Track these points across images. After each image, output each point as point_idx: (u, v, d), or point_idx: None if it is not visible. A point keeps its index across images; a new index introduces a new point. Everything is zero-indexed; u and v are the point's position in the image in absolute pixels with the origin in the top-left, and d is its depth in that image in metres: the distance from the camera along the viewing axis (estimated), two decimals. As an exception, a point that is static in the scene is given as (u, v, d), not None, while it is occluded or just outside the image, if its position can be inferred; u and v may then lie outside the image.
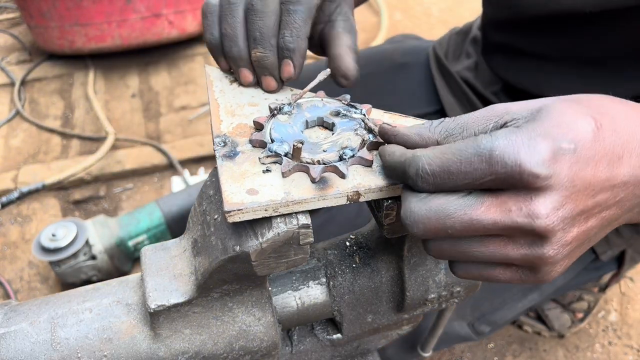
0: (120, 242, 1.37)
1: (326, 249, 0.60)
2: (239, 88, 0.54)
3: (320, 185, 0.43)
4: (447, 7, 2.59)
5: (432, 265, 0.57)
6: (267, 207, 0.41)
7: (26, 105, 2.05)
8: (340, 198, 0.43)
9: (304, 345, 0.62)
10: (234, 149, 0.46)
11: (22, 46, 2.33)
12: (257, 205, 0.41)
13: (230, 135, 0.48)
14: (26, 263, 1.50)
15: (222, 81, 0.55)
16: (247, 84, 0.54)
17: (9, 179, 1.70)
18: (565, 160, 0.35)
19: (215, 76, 0.56)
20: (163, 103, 2.07)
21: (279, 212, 0.42)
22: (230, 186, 0.42)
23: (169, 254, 0.52)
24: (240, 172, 0.44)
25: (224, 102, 0.52)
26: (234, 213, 0.40)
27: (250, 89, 0.54)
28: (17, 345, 0.47)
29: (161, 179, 1.76)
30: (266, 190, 0.42)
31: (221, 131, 0.48)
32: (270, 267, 0.44)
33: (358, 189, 0.43)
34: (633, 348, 1.30)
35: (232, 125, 0.49)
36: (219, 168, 0.44)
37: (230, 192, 0.42)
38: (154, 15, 2.03)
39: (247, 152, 0.46)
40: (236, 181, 0.43)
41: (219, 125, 0.49)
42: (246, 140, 0.48)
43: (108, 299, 0.51)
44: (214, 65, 0.58)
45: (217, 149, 0.46)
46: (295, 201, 0.42)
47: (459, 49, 1.12)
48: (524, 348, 1.30)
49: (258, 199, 0.41)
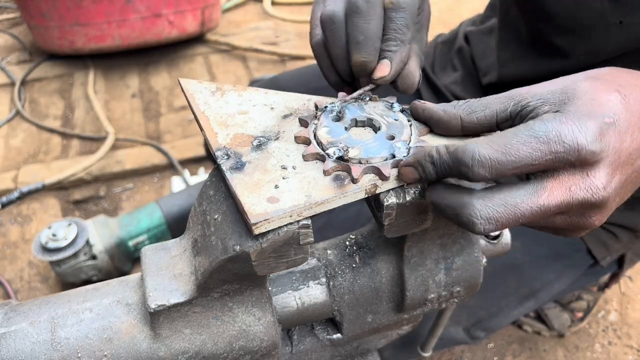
0: (120, 242, 1.37)
1: (326, 249, 0.60)
2: (223, 98, 0.53)
3: (337, 182, 0.43)
4: (447, 7, 2.59)
5: (432, 265, 0.57)
6: (292, 213, 0.41)
7: (26, 105, 2.05)
8: (359, 193, 0.43)
9: (304, 345, 0.62)
10: (239, 159, 0.46)
11: (22, 46, 2.34)
12: (282, 212, 0.40)
13: (230, 146, 0.47)
14: (26, 263, 1.50)
15: (202, 93, 0.53)
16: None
17: (9, 179, 1.70)
18: (610, 134, 0.38)
19: (194, 89, 0.53)
20: (163, 103, 2.07)
21: (303, 216, 0.41)
22: (248, 198, 0.42)
23: (169, 254, 0.52)
24: (254, 182, 0.43)
25: (212, 114, 0.51)
26: (261, 224, 0.40)
27: (234, 97, 0.53)
28: (18, 345, 0.47)
29: (161, 179, 1.76)
30: (286, 196, 0.42)
31: (220, 144, 0.47)
32: (270, 267, 0.44)
33: (375, 181, 0.43)
34: (633, 348, 1.30)
35: (229, 137, 0.48)
36: (230, 181, 0.44)
37: (250, 203, 0.41)
38: (154, 15, 2.03)
39: (254, 162, 0.45)
40: (252, 192, 0.42)
41: (216, 138, 0.48)
42: (248, 149, 0.47)
43: (108, 299, 0.51)
44: (188, 78, 0.55)
45: (222, 163, 0.45)
46: (319, 202, 0.42)
47: (444, 60, 1.11)
48: (523, 348, 1.30)
49: (281, 206, 0.41)
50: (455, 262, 0.57)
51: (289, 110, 0.52)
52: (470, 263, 0.58)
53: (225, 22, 2.65)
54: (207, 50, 2.35)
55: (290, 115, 0.51)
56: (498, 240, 0.64)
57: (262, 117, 0.51)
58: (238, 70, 2.28)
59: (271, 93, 0.54)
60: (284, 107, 0.52)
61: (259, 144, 0.48)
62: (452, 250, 0.57)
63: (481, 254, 0.59)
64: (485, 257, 0.61)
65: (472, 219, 0.38)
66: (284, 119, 0.51)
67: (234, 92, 0.53)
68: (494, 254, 0.65)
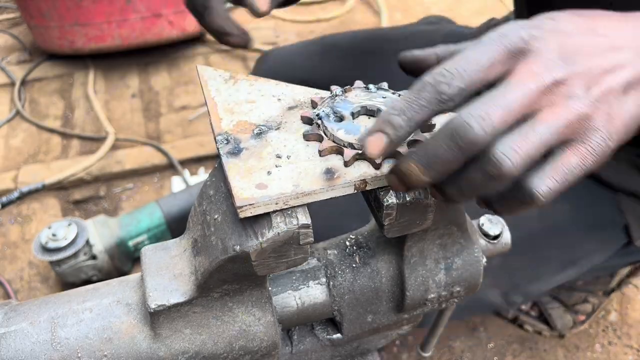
0: (120, 242, 1.37)
1: (326, 248, 0.60)
2: (234, 86, 0.54)
3: (327, 175, 0.44)
4: (447, 7, 2.59)
5: (432, 265, 0.57)
6: (278, 200, 0.41)
7: (26, 105, 2.05)
8: (348, 187, 0.44)
9: (304, 345, 0.62)
10: (237, 145, 0.47)
11: (22, 46, 2.33)
12: (267, 199, 0.41)
13: (232, 132, 0.48)
14: (26, 263, 1.50)
15: (216, 80, 0.55)
16: None
17: (9, 179, 1.70)
18: (544, 19, 0.41)
19: (209, 76, 0.56)
20: (163, 103, 2.07)
21: (289, 205, 0.42)
22: (238, 182, 0.43)
23: (169, 253, 0.52)
24: (247, 168, 0.44)
25: (221, 100, 0.52)
26: (246, 208, 0.41)
27: (245, 86, 0.54)
28: (17, 345, 0.47)
29: (161, 179, 1.76)
30: (275, 184, 0.43)
31: (222, 129, 0.48)
32: (270, 267, 0.44)
33: (365, 177, 0.44)
34: (633, 348, 1.30)
35: (233, 123, 0.49)
36: (224, 165, 0.45)
37: (239, 187, 0.42)
38: (154, 15, 2.03)
39: (251, 149, 0.46)
40: (244, 177, 0.43)
41: (220, 123, 0.49)
42: (248, 136, 0.48)
43: (108, 299, 0.51)
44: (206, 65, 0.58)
45: (220, 147, 0.46)
46: (305, 193, 0.42)
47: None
48: (524, 348, 1.30)
49: (268, 193, 0.42)
50: (456, 262, 0.57)
51: (295, 102, 0.52)
52: (471, 263, 0.58)
53: (225, 22, 2.64)
54: (207, 50, 2.35)
55: (295, 107, 0.52)
56: (498, 240, 0.65)
57: (268, 107, 0.51)
58: (238, 70, 2.28)
59: (282, 85, 0.55)
60: (290, 99, 0.53)
61: (260, 132, 0.48)
62: (452, 250, 0.57)
63: (481, 254, 0.59)
64: (485, 257, 0.61)
65: (465, 121, 0.36)
66: (289, 111, 0.51)
67: (246, 81, 0.55)
68: (494, 253, 0.65)
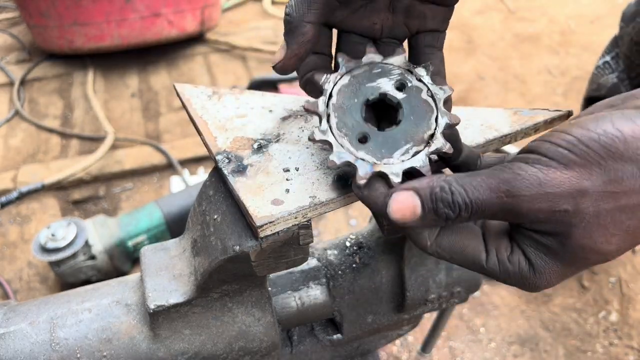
0: (120, 242, 1.37)
1: (326, 249, 0.60)
2: (220, 102, 0.52)
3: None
4: (446, 6, 2.59)
5: (432, 265, 0.56)
6: (297, 215, 0.41)
7: (25, 105, 2.05)
8: None
9: (304, 346, 0.62)
10: (240, 162, 0.46)
11: (22, 46, 2.33)
12: (287, 214, 0.40)
13: (231, 150, 0.47)
14: (25, 263, 1.50)
15: (199, 97, 0.53)
16: None
17: (8, 179, 1.70)
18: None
19: (190, 94, 0.53)
20: (162, 103, 2.07)
21: (308, 217, 0.41)
22: (252, 201, 0.42)
23: (169, 254, 0.51)
24: (257, 185, 0.43)
25: (210, 118, 0.50)
26: (266, 226, 0.40)
27: (231, 100, 0.53)
28: (17, 345, 0.47)
29: (161, 179, 1.76)
30: (290, 197, 0.42)
31: (219, 147, 0.47)
32: (270, 267, 0.44)
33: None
34: (634, 348, 1.30)
35: (229, 140, 0.48)
36: (233, 185, 0.43)
37: (255, 206, 0.41)
38: (154, 15, 2.03)
39: (256, 164, 0.45)
40: (256, 195, 0.42)
41: (215, 141, 0.48)
42: (249, 152, 0.47)
43: (107, 299, 0.51)
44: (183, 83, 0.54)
45: (223, 167, 0.45)
46: (323, 203, 0.42)
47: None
48: (524, 348, 1.30)
49: (286, 208, 0.41)
50: (456, 262, 0.57)
51: (288, 112, 0.51)
52: (471, 263, 0.57)
53: (225, 22, 2.64)
54: (207, 49, 2.35)
55: (290, 117, 0.51)
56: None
57: (261, 120, 0.50)
58: (238, 69, 2.27)
59: (268, 95, 0.54)
60: (282, 109, 0.52)
61: (260, 147, 0.47)
62: (453, 250, 0.56)
63: (482, 254, 0.58)
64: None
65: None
66: (284, 121, 0.50)
67: (230, 96, 0.53)
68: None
